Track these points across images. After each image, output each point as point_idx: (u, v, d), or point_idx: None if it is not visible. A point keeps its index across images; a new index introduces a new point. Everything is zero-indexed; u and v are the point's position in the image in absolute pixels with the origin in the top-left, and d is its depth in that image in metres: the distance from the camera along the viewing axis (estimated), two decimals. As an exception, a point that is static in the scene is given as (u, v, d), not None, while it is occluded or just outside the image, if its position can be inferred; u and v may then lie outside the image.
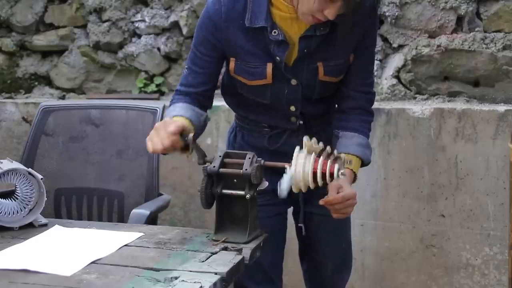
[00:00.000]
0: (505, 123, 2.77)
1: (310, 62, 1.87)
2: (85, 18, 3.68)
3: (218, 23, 1.85)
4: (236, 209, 1.70)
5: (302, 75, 1.89)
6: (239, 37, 1.85)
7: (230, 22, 1.84)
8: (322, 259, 2.16)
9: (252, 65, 1.87)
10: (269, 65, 1.86)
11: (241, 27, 1.84)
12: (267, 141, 2.00)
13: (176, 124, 1.67)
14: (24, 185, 1.86)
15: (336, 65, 1.89)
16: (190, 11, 3.46)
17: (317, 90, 1.92)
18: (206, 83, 1.94)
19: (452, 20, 3.01)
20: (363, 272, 3.04)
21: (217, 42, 1.88)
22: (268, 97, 1.92)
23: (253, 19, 1.82)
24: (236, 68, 1.90)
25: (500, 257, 2.83)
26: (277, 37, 1.82)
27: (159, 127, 1.68)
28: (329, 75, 1.90)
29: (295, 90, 1.90)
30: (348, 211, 1.83)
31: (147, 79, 3.61)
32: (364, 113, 1.98)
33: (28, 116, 3.56)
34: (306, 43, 1.84)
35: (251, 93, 1.94)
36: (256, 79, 1.89)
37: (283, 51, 1.84)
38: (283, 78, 1.88)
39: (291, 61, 1.87)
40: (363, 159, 1.93)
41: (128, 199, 2.46)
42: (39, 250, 1.65)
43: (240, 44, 1.86)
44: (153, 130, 1.69)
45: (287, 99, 1.92)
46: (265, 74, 1.87)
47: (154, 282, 1.42)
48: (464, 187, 2.85)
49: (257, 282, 2.04)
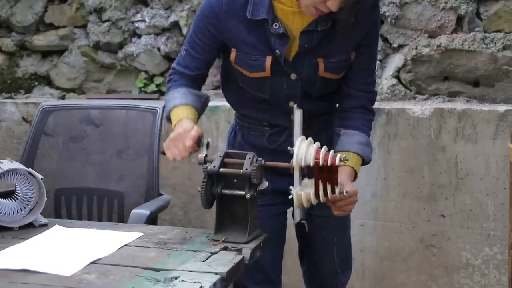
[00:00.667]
0: (505, 123, 2.77)
1: (310, 58, 1.88)
2: (85, 18, 3.68)
3: (219, 14, 1.86)
4: (236, 209, 1.70)
5: (302, 70, 1.89)
6: (240, 29, 1.86)
7: (231, 14, 1.85)
8: (322, 259, 2.15)
9: (252, 57, 1.88)
10: (268, 58, 1.87)
11: (243, 19, 1.85)
12: (267, 139, 2.01)
13: (193, 137, 1.74)
14: (24, 185, 1.86)
15: (337, 62, 1.90)
16: (190, 11, 3.46)
17: (317, 86, 1.92)
18: (201, 68, 1.98)
19: (452, 20, 3.01)
20: (363, 272, 3.04)
21: (217, 33, 1.89)
22: (267, 91, 1.93)
23: (254, 11, 1.83)
24: (236, 58, 1.91)
25: (500, 257, 2.83)
26: (278, 30, 1.83)
27: (177, 138, 1.76)
28: (329, 71, 1.90)
29: (294, 85, 1.90)
30: (349, 208, 1.83)
31: (147, 79, 3.61)
32: (366, 112, 1.99)
33: (28, 116, 3.56)
34: (307, 38, 1.84)
35: (250, 86, 1.95)
36: (255, 71, 1.89)
37: (283, 44, 1.84)
38: (282, 72, 1.89)
39: (291, 56, 1.87)
40: (363, 157, 1.93)
41: (128, 199, 2.46)
42: (39, 250, 1.65)
43: (241, 36, 1.87)
44: (170, 141, 1.77)
45: (287, 94, 1.92)
46: (264, 67, 1.87)
47: (154, 282, 1.42)
48: (464, 187, 2.85)
49: (257, 282, 2.04)
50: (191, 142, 1.73)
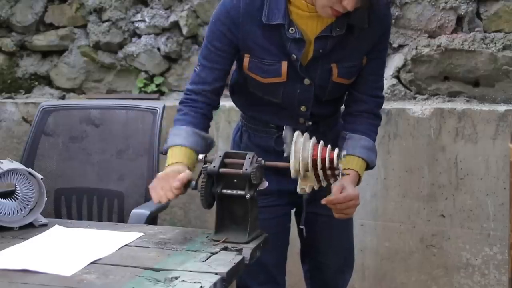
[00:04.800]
0: (505, 123, 2.77)
1: (324, 63, 1.88)
2: (85, 18, 3.68)
3: (235, 18, 1.85)
4: (236, 209, 1.70)
5: (316, 75, 1.89)
6: (255, 33, 1.85)
7: (247, 18, 1.84)
8: (324, 259, 2.15)
9: (267, 62, 1.87)
10: (284, 63, 1.86)
11: (258, 23, 1.84)
12: (274, 142, 2.00)
13: (181, 178, 1.70)
14: (24, 185, 1.86)
15: (350, 67, 1.90)
16: (190, 11, 3.46)
17: (329, 91, 1.93)
18: (219, 79, 1.92)
19: (452, 20, 3.01)
20: (363, 272, 3.04)
21: (233, 37, 1.87)
22: (280, 96, 1.92)
23: (270, 15, 1.82)
24: (250, 65, 1.89)
25: (500, 257, 2.83)
26: (294, 35, 1.82)
27: (163, 179, 1.73)
28: (342, 76, 1.90)
29: (307, 90, 1.90)
30: (350, 211, 1.83)
31: (147, 79, 3.61)
32: (373, 117, 1.99)
33: (28, 116, 3.56)
34: (322, 43, 1.84)
35: (263, 91, 1.94)
36: (270, 76, 1.88)
37: (300, 49, 1.84)
38: (297, 77, 1.88)
39: (305, 61, 1.87)
40: (368, 161, 1.93)
41: (128, 199, 2.46)
42: (39, 250, 1.65)
43: (256, 41, 1.86)
44: (157, 181, 1.75)
45: (299, 99, 1.92)
46: (280, 72, 1.87)
47: (154, 282, 1.42)
48: (464, 187, 2.85)
49: (261, 283, 2.04)
50: (178, 183, 1.69)
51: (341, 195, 1.79)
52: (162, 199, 1.71)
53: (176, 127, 1.91)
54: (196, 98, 1.92)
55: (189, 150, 1.85)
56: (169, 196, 1.70)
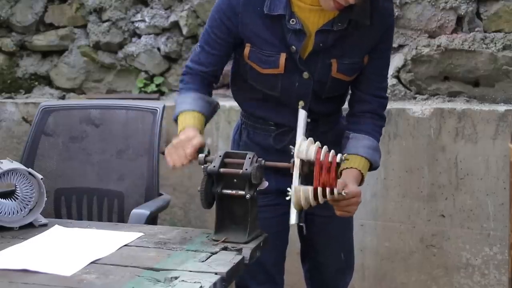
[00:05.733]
0: (505, 123, 2.77)
1: (324, 57, 1.88)
2: (85, 18, 3.68)
3: (236, 8, 1.87)
4: (236, 209, 1.70)
5: (315, 69, 1.89)
6: (256, 23, 1.86)
7: (248, 8, 1.86)
8: (324, 260, 2.15)
9: (266, 53, 1.88)
10: (282, 55, 1.87)
11: (259, 13, 1.85)
12: (273, 139, 2.00)
13: (194, 145, 1.76)
14: (24, 185, 1.86)
15: (350, 63, 1.90)
16: (190, 11, 3.46)
17: (328, 86, 1.93)
18: (216, 64, 1.97)
19: (452, 20, 3.01)
20: (363, 272, 3.04)
21: (233, 26, 1.89)
22: (278, 89, 1.92)
23: (272, 6, 1.83)
24: (250, 54, 1.90)
25: (500, 257, 2.83)
26: (295, 26, 1.83)
27: (179, 145, 1.78)
28: (342, 72, 1.90)
29: (306, 83, 1.90)
30: (352, 209, 1.82)
31: (147, 79, 3.61)
32: (377, 118, 1.99)
33: (28, 116, 3.56)
34: (323, 37, 1.84)
35: (262, 83, 1.94)
36: (268, 67, 1.89)
37: (300, 40, 1.84)
38: (296, 70, 1.88)
39: (305, 54, 1.87)
40: (371, 161, 1.92)
41: (128, 199, 2.46)
42: (39, 250, 1.65)
43: (257, 31, 1.87)
44: (172, 147, 1.79)
45: (297, 93, 1.92)
46: (278, 63, 1.87)
47: (154, 282, 1.42)
48: (464, 187, 2.85)
49: (259, 282, 2.04)
50: (192, 149, 1.75)
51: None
52: (177, 164, 1.77)
53: (181, 95, 1.97)
54: (192, 79, 1.98)
55: (198, 114, 1.90)
56: (184, 162, 1.77)
